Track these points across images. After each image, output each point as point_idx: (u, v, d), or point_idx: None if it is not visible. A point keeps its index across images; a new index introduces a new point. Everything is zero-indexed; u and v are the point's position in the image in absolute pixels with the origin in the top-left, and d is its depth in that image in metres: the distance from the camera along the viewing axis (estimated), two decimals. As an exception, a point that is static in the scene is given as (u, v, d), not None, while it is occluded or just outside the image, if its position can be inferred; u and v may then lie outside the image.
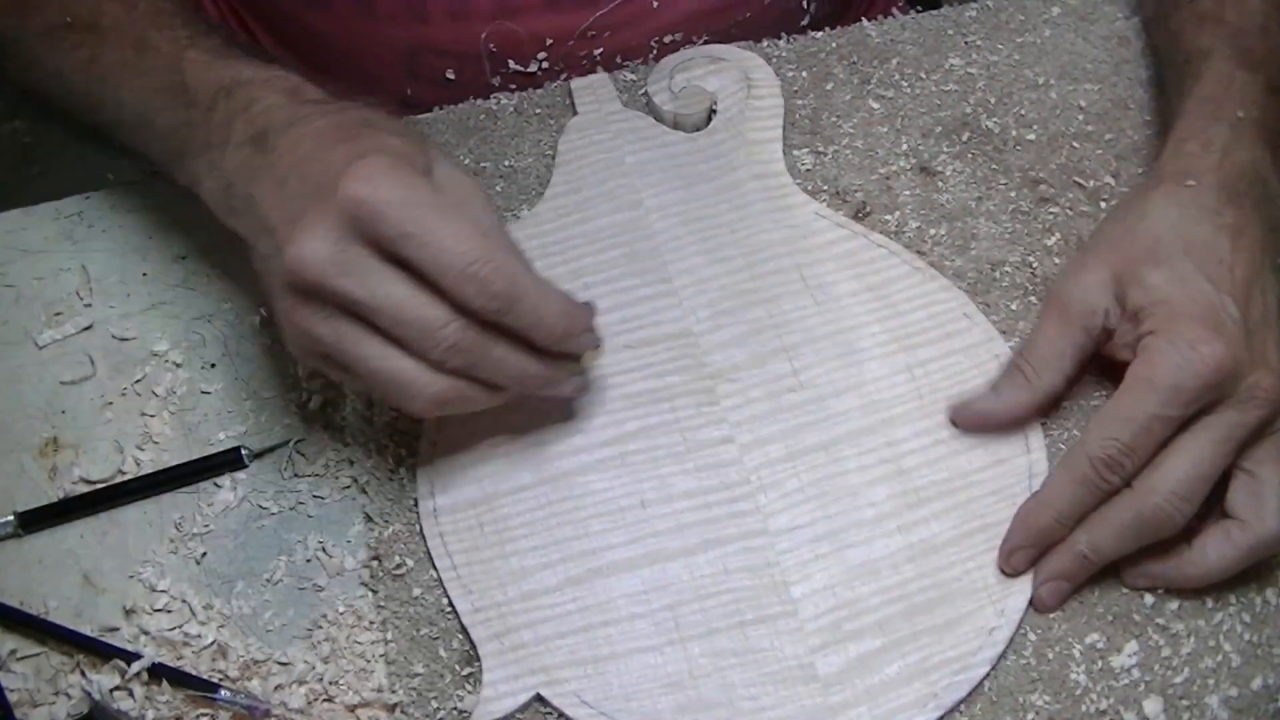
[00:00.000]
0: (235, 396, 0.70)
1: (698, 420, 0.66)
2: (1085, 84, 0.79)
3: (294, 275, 0.56)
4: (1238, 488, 0.61)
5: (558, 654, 0.61)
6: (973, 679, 0.60)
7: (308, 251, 0.56)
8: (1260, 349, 0.61)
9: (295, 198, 0.57)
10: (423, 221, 0.55)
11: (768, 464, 0.65)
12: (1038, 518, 0.61)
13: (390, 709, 0.61)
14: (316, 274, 0.56)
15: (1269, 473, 0.61)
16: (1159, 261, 0.63)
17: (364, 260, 0.56)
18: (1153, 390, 0.60)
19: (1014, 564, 0.62)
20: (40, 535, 0.66)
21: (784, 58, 0.80)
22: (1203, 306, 0.61)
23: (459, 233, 0.56)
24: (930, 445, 0.65)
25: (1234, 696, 0.60)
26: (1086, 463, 0.60)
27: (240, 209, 0.61)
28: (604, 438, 0.66)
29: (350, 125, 0.59)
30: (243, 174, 0.60)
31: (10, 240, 0.75)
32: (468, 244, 0.56)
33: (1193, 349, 0.59)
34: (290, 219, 0.57)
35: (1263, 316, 0.62)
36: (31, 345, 0.71)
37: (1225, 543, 0.61)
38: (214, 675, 0.62)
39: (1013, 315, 0.70)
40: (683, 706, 0.59)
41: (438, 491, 0.65)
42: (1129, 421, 0.60)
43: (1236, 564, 0.61)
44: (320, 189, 0.56)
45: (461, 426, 0.65)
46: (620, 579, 0.62)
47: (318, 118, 0.60)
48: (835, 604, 0.62)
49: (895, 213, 0.74)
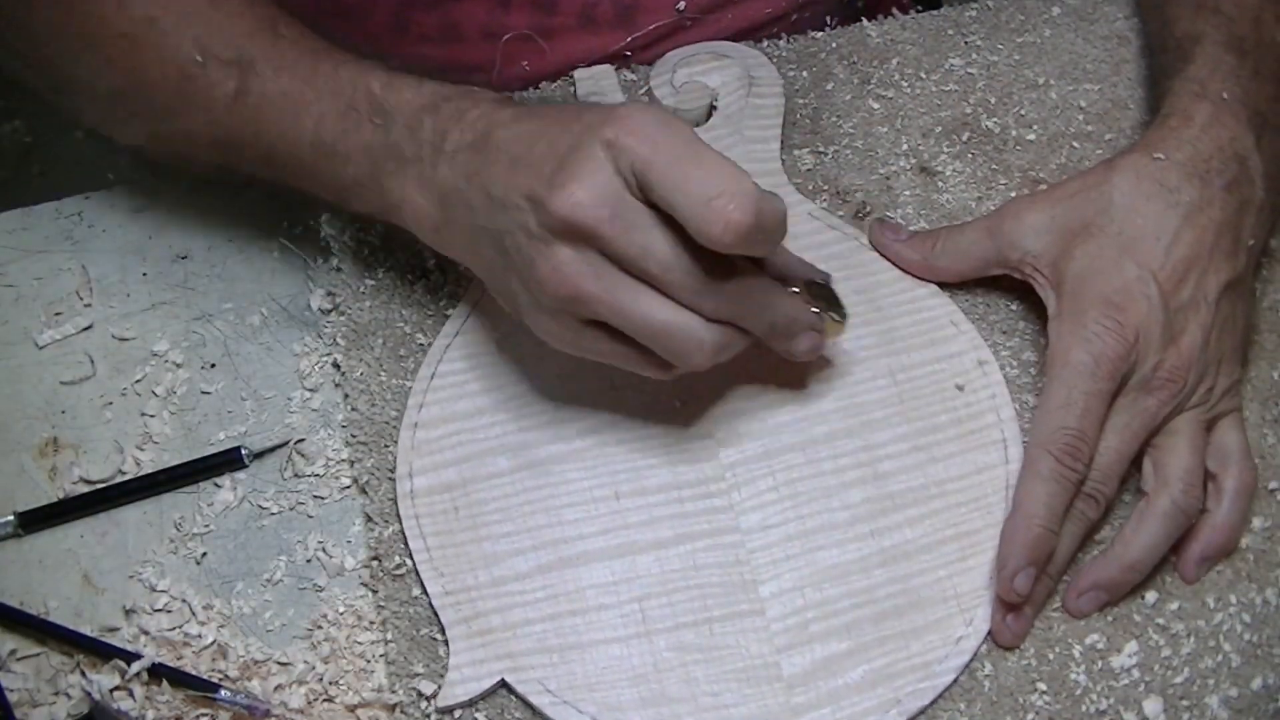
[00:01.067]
0: (235, 396, 0.70)
1: (676, 414, 0.66)
2: (1085, 84, 0.79)
3: (569, 223, 0.56)
4: (1146, 465, 0.63)
5: (524, 641, 0.61)
6: (937, 687, 0.60)
7: (582, 195, 0.56)
8: (1180, 327, 0.63)
9: (542, 164, 0.57)
10: (690, 161, 0.55)
11: (743, 461, 0.65)
12: (1026, 533, 0.60)
13: (390, 709, 0.61)
14: (593, 219, 0.56)
15: (1173, 443, 0.63)
16: (1093, 233, 0.65)
17: (636, 208, 0.56)
18: (1073, 372, 0.62)
19: (1020, 587, 0.60)
20: (40, 535, 0.66)
21: (784, 57, 0.80)
22: (1116, 285, 0.63)
23: (723, 169, 0.55)
24: (908, 451, 0.65)
25: (1234, 696, 0.60)
26: (1048, 457, 0.61)
27: (461, 212, 0.61)
28: (582, 428, 0.66)
29: (581, 106, 0.61)
30: (464, 174, 0.60)
31: (10, 240, 0.75)
32: (733, 180, 0.55)
33: (1098, 324, 0.62)
34: (546, 181, 0.57)
35: (1193, 298, 0.63)
36: (31, 345, 0.71)
37: (1140, 519, 0.62)
38: (214, 675, 0.62)
39: (1013, 315, 0.70)
40: (645, 699, 0.59)
41: (416, 473, 0.65)
42: (1068, 406, 0.61)
43: (1159, 538, 0.62)
44: (577, 146, 0.57)
45: (441, 407, 0.66)
46: (590, 569, 0.62)
47: (540, 111, 0.61)
48: (803, 605, 0.62)
49: (895, 212, 0.74)
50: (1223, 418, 0.65)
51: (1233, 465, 0.64)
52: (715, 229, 0.55)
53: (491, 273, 0.62)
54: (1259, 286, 0.71)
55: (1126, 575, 0.62)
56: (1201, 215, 0.64)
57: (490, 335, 0.68)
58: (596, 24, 0.80)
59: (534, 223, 0.57)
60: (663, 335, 0.58)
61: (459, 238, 0.62)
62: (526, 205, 0.57)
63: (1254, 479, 0.64)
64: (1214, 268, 0.64)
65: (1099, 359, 0.61)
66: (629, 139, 0.56)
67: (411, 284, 0.71)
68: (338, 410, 0.69)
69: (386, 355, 0.69)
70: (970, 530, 0.63)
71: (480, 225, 0.60)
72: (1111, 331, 0.62)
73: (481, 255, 0.62)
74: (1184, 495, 0.62)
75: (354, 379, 0.68)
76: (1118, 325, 0.62)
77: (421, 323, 0.70)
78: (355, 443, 0.67)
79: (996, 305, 0.70)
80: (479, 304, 0.69)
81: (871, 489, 0.64)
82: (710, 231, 0.55)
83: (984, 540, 0.63)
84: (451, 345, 0.68)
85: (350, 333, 0.69)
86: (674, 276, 0.57)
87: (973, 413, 0.66)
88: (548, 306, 0.59)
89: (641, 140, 0.56)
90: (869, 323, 0.69)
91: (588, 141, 0.57)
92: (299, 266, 0.73)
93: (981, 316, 0.70)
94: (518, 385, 0.67)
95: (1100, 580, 0.62)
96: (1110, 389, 0.62)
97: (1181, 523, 0.62)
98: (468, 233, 0.61)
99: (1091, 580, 0.62)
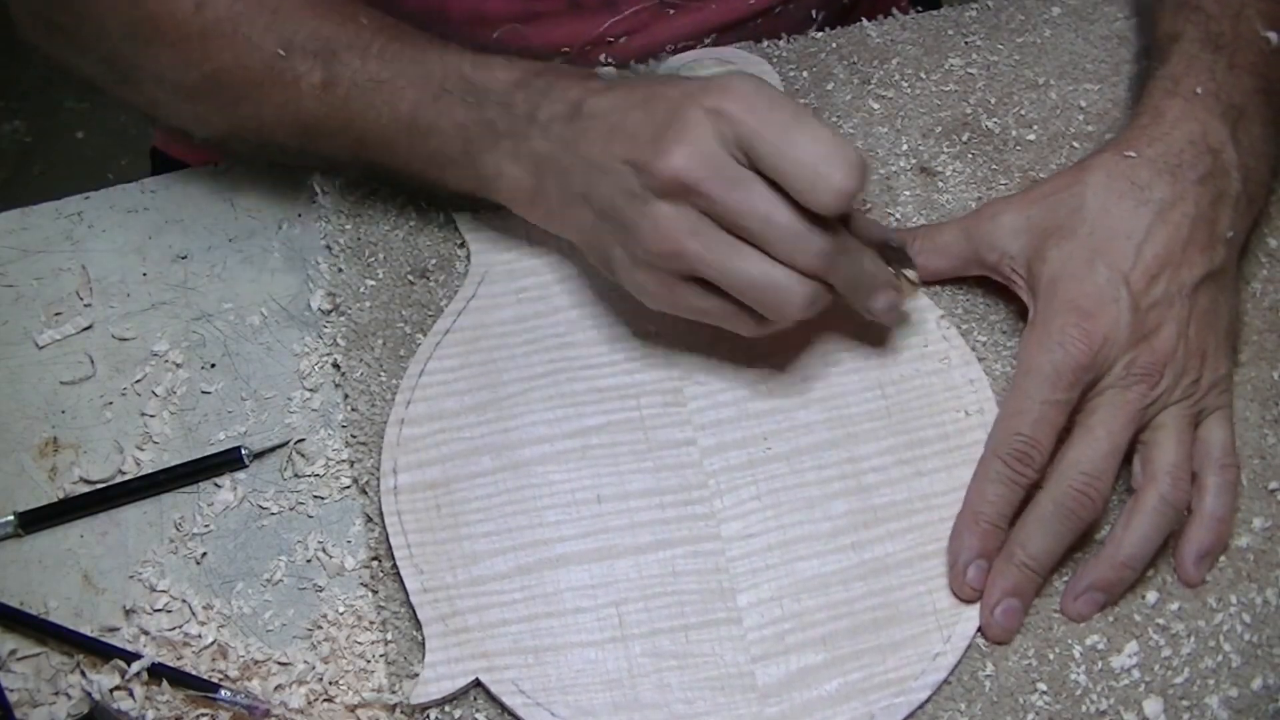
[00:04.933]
0: (235, 396, 0.70)
1: (662, 420, 0.66)
2: (1085, 84, 0.79)
3: (673, 181, 0.58)
4: (1135, 460, 0.64)
5: (500, 641, 0.61)
6: (912, 702, 0.60)
7: (685, 156, 0.58)
8: (1154, 323, 0.63)
9: (640, 130, 0.60)
10: (796, 129, 0.57)
11: (727, 469, 0.65)
12: (974, 528, 0.62)
13: (390, 709, 0.61)
14: (697, 177, 0.58)
15: (1160, 438, 0.63)
16: (1066, 235, 0.65)
17: (736, 169, 0.58)
18: (1033, 380, 0.62)
19: (972, 580, 0.61)
20: (40, 535, 0.66)
21: (784, 58, 0.80)
22: (1086, 290, 0.63)
23: (828, 136, 0.58)
24: (893, 465, 0.65)
25: (1234, 697, 0.60)
26: (998, 461, 0.62)
27: (557, 180, 0.63)
28: (567, 429, 0.66)
29: (671, 77, 0.63)
30: (560, 143, 0.63)
31: (10, 240, 0.75)
32: (839, 147, 0.57)
33: (1062, 332, 0.62)
34: (647, 146, 0.59)
35: (1167, 293, 0.64)
36: (31, 345, 0.72)
37: (1129, 516, 0.62)
38: (214, 675, 0.62)
39: (1013, 314, 0.70)
40: (618, 704, 0.59)
41: (400, 470, 0.65)
42: (1023, 414, 0.62)
43: (1149, 533, 0.62)
44: (678, 110, 0.59)
45: (428, 404, 0.66)
46: (569, 571, 0.62)
47: (629, 82, 0.63)
48: (780, 615, 0.61)
49: (896, 212, 0.74)
50: (1210, 414, 0.65)
51: (1213, 462, 0.64)
52: (825, 196, 0.57)
53: (588, 236, 0.64)
54: (1259, 286, 0.71)
55: (1121, 573, 0.62)
56: (1174, 211, 0.64)
57: (480, 335, 0.68)
58: (583, 8, 0.81)
59: (636, 184, 0.60)
60: (760, 289, 0.60)
61: (555, 206, 0.65)
62: (627, 169, 0.60)
63: (1237, 475, 0.64)
64: (1189, 262, 0.64)
65: (1059, 368, 0.62)
66: (733, 106, 0.58)
67: (411, 284, 0.71)
68: (338, 410, 0.69)
69: (386, 355, 0.69)
70: None
71: (576, 192, 0.63)
72: (1076, 340, 0.62)
73: (578, 221, 0.64)
74: (1171, 490, 0.62)
75: (354, 379, 0.68)
76: (1084, 333, 0.62)
77: (421, 323, 0.70)
78: (355, 443, 0.67)
79: (996, 306, 0.70)
80: (470, 303, 0.69)
81: (855, 501, 0.64)
82: (819, 198, 0.57)
83: None
84: (441, 344, 0.68)
85: (350, 333, 0.69)
86: (773, 233, 0.59)
87: (960, 429, 0.66)
88: (647, 263, 0.61)
89: (747, 108, 0.58)
90: (861, 334, 0.68)
91: (688, 108, 0.59)
92: (299, 266, 0.73)
93: (982, 316, 0.70)
94: (505, 386, 0.67)
95: (1096, 581, 0.62)
96: (1069, 398, 0.62)
97: (1171, 516, 0.62)
98: (563, 200, 0.64)
99: (1087, 582, 0.62)
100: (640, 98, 0.61)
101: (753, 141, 0.58)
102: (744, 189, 0.58)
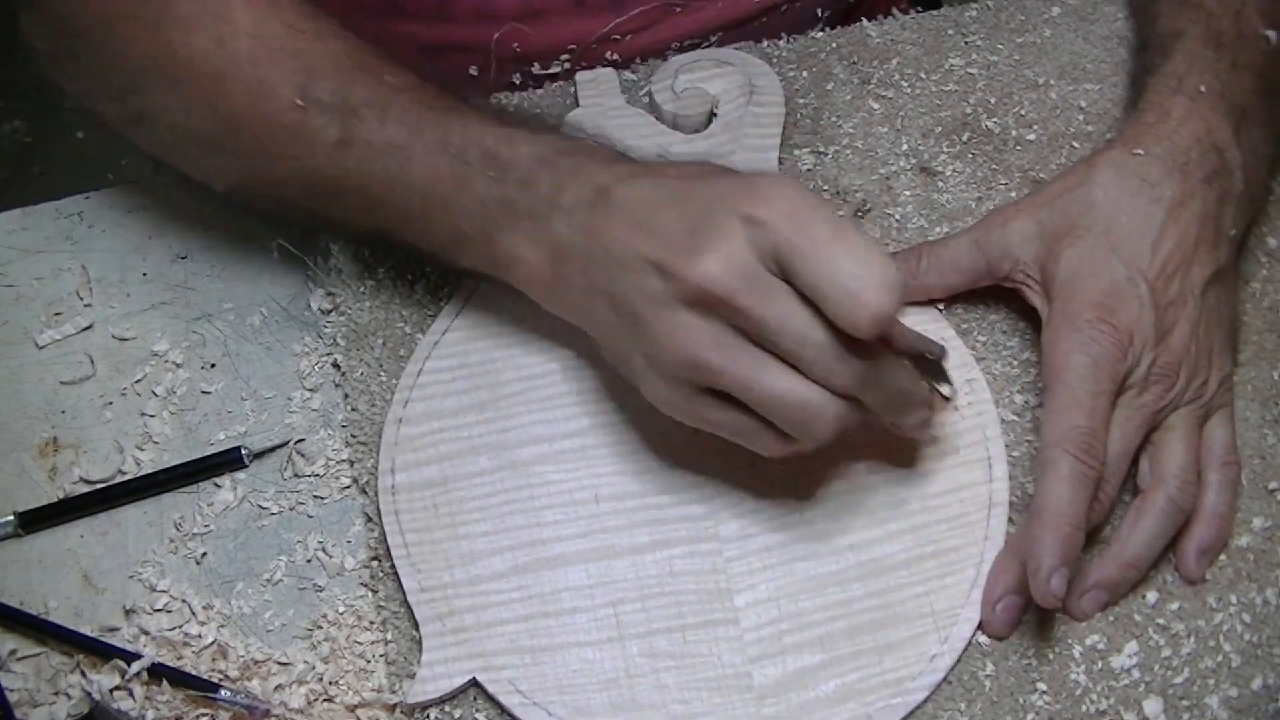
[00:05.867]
0: (235, 396, 0.70)
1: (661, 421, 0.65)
2: (1085, 84, 0.79)
3: (701, 291, 0.55)
4: (1142, 462, 0.63)
5: (497, 640, 0.61)
6: (909, 704, 0.60)
7: (718, 265, 0.55)
8: (1169, 323, 0.63)
9: (670, 230, 0.56)
10: (835, 246, 0.54)
11: (725, 469, 0.64)
12: (1056, 533, 0.58)
13: (390, 709, 0.61)
14: (729, 289, 0.55)
15: (1169, 439, 0.63)
16: (1080, 235, 0.64)
17: (770, 281, 0.55)
18: (1075, 375, 0.61)
19: (1056, 589, 0.58)
20: (40, 535, 0.66)
21: (784, 58, 0.80)
22: (1105, 287, 0.63)
23: (869, 256, 0.54)
24: (891, 466, 0.65)
25: (1234, 697, 0.60)
26: (1065, 455, 0.60)
27: (576, 270, 0.60)
28: (566, 430, 0.66)
29: (705, 170, 0.59)
30: (582, 232, 0.59)
31: (10, 240, 0.75)
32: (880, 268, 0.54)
33: (1092, 327, 0.62)
34: (678, 249, 0.55)
35: (1180, 293, 0.63)
36: (31, 345, 0.72)
37: (1136, 516, 0.62)
38: (214, 675, 0.62)
39: (1013, 315, 0.70)
40: (616, 704, 0.59)
41: (398, 469, 0.65)
42: (1077, 405, 0.61)
43: (1155, 534, 0.62)
44: (712, 214, 0.56)
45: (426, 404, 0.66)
46: (566, 571, 0.62)
47: (661, 169, 0.60)
48: (778, 616, 0.61)
49: (895, 212, 0.74)
50: (1214, 413, 0.65)
51: (1215, 459, 0.64)
52: (862, 319, 0.54)
53: (604, 332, 0.61)
54: (1259, 286, 0.71)
55: (1125, 573, 0.62)
56: (1184, 210, 0.64)
57: (479, 334, 0.68)
58: (587, 6, 0.80)
59: (660, 288, 0.56)
60: (789, 407, 0.56)
61: (572, 296, 0.61)
62: (652, 270, 0.56)
63: (1238, 472, 0.64)
64: (1199, 261, 0.64)
65: (1098, 361, 0.61)
66: (771, 217, 0.55)
67: (411, 284, 0.71)
68: (338, 410, 0.69)
69: (386, 355, 0.69)
70: (950, 547, 0.63)
71: (596, 285, 0.59)
72: (1106, 335, 0.62)
73: (596, 315, 0.60)
74: (1179, 491, 0.62)
75: (354, 379, 0.68)
76: (1111, 329, 0.62)
77: (421, 323, 0.70)
78: (355, 443, 0.67)
79: (996, 306, 0.70)
80: (469, 302, 0.69)
81: (853, 502, 0.64)
82: (857, 321, 0.54)
83: (963, 558, 0.63)
84: (440, 343, 0.68)
85: (350, 333, 0.69)
86: (809, 353, 0.55)
87: (958, 430, 0.66)
88: (665, 372, 0.58)
89: (785, 220, 0.55)
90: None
91: (723, 212, 0.55)
92: (299, 266, 0.73)
93: (982, 316, 0.70)
94: (503, 385, 0.67)
95: (1101, 580, 0.62)
96: (1113, 389, 0.61)
97: (1177, 519, 0.62)
98: (582, 291, 0.60)
99: (1093, 580, 0.62)
100: (672, 193, 0.58)
101: (790, 255, 0.54)
102: (778, 304, 0.55)
